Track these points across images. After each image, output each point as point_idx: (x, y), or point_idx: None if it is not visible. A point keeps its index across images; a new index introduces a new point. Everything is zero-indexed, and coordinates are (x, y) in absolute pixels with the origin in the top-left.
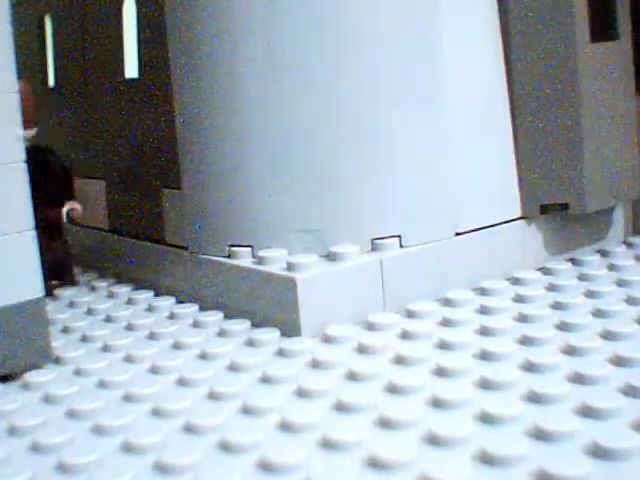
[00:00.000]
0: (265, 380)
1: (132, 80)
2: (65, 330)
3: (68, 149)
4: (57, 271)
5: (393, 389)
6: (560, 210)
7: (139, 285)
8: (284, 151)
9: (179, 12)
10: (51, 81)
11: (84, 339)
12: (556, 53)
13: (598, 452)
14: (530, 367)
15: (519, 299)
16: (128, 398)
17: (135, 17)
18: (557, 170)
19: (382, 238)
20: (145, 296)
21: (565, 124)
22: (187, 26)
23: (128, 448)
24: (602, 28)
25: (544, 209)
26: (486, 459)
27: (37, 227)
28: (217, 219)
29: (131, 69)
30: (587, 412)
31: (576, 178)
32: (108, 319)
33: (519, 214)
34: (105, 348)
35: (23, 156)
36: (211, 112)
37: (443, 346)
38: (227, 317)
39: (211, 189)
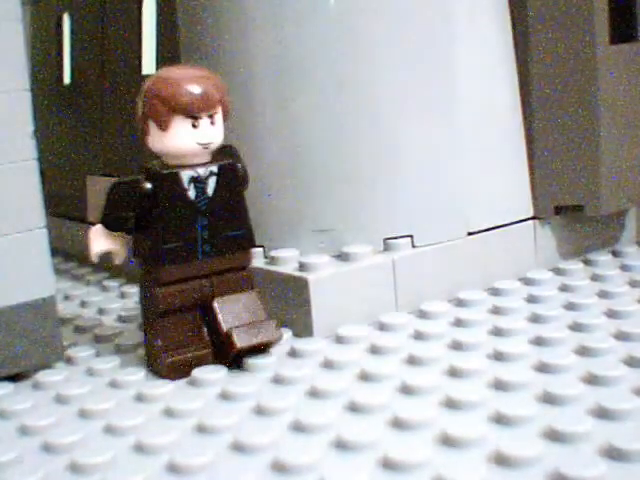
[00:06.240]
0: (277, 380)
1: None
2: (76, 330)
3: (83, 146)
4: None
5: (406, 389)
6: (574, 211)
7: None
8: (297, 151)
9: (190, 9)
10: (66, 78)
11: (95, 339)
12: (575, 54)
13: (613, 453)
14: (544, 368)
15: (532, 299)
16: (140, 398)
17: (154, 15)
18: (573, 172)
19: (394, 238)
20: None
21: (582, 125)
22: (199, 23)
23: (141, 448)
24: (621, 29)
25: (558, 210)
26: (501, 460)
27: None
28: None
29: (148, 66)
30: (601, 413)
31: (592, 180)
32: (119, 319)
33: (531, 214)
34: (117, 348)
35: (35, 154)
36: None
37: (456, 346)
38: None
39: None
